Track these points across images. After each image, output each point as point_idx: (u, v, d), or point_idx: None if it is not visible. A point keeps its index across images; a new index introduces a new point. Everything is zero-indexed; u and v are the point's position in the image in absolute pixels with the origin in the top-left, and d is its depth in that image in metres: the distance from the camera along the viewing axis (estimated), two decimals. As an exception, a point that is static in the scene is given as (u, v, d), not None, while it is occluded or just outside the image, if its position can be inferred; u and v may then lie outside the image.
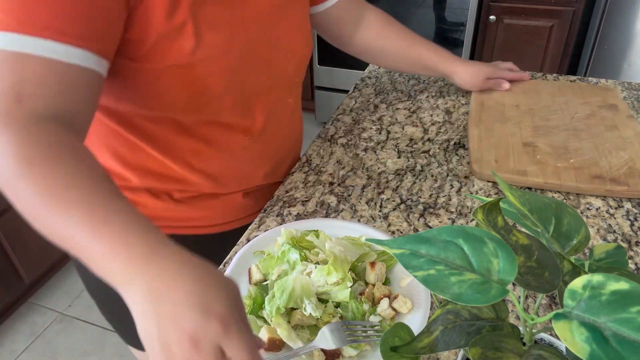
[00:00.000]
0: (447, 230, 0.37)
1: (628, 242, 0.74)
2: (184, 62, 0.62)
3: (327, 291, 0.61)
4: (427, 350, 0.38)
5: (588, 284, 0.32)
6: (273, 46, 0.73)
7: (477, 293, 0.33)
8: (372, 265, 0.63)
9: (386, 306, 0.60)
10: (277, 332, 0.57)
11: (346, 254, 0.64)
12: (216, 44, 0.64)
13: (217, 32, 0.64)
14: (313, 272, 0.61)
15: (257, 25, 0.70)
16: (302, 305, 0.59)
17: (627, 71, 2.19)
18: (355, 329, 0.57)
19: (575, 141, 0.91)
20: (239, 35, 0.67)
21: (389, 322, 0.60)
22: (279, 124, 0.83)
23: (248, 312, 0.61)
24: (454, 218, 0.79)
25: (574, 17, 2.21)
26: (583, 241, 0.41)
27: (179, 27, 0.60)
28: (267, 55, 0.73)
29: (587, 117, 0.98)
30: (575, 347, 0.30)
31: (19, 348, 1.84)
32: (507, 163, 0.86)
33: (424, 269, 0.35)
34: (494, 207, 0.39)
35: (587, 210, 0.79)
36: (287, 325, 0.57)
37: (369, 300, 0.61)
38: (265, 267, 0.65)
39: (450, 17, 2.44)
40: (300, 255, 0.63)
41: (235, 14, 0.66)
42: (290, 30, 0.76)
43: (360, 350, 0.57)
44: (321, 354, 0.57)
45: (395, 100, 1.13)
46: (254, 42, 0.70)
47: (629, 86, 1.16)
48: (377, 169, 0.90)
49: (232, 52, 0.67)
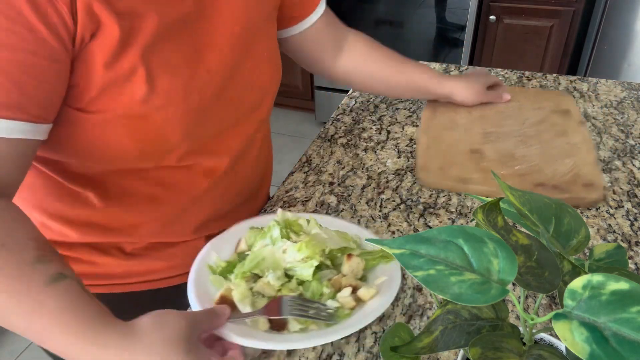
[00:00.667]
0: (447, 230, 0.37)
1: (628, 242, 0.74)
2: (136, 111, 0.57)
3: (293, 267, 0.62)
4: (427, 350, 0.38)
5: (588, 284, 0.32)
6: (239, 83, 0.68)
7: (477, 293, 0.33)
8: (348, 257, 0.64)
9: (347, 294, 0.61)
10: (232, 293, 0.59)
11: (326, 241, 0.65)
12: (173, 89, 0.59)
13: (173, 75, 0.59)
14: (288, 250, 0.63)
15: (219, 63, 0.64)
16: (265, 273, 0.61)
17: (627, 71, 2.20)
18: (306, 305, 0.58)
19: (523, 148, 0.89)
20: (199, 76, 0.62)
21: (347, 311, 0.60)
22: (245, 163, 0.76)
23: (218, 272, 0.63)
24: (454, 218, 0.79)
25: (574, 17, 2.21)
26: (583, 241, 0.41)
27: (127, 73, 0.56)
28: (233, 94, 0.68)
29: (538, 122, 0.96)
30: (575, 347, 0.30)
31: (19, 348, 1.84)
32: (451, 170, 0.84)
33: (424, 269, 0.35)
34: (494, 207, 0.39)
35: (587, 210, 0.79)
36: (245, 290, 0.59)
37: (334, 287, 0.62)
38: (251, 239, 0.68)
39: (450, 17, 2.44)
40: (281, 233, 0.65)
41: (194, 54, 0.61)
42: (258, 64, 0.71)
43: (305, 327, 0.58)
44: (266, 322, 0.58)
45: (395, 100, 1.13)
46: (217, 82, 0.64)
47: (629, 86, 1.16)
48: (377, 169, 0.90)
49: (192, 96, 0.61)
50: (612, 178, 0.87)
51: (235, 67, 0.67)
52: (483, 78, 1.03)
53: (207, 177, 0.71)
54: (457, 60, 2.47)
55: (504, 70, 1.26)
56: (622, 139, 0.98)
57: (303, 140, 2.83)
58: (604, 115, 1.05)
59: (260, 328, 0.57)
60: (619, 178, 0.87)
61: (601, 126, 1.02)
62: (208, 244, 0.67)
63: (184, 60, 0.60)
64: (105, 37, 0.54)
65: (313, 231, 0.67)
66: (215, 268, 0.64)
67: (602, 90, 1.15)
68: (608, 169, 0.89)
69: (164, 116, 0.59)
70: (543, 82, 1.19)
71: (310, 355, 0.59)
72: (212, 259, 0.65)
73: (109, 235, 0.71)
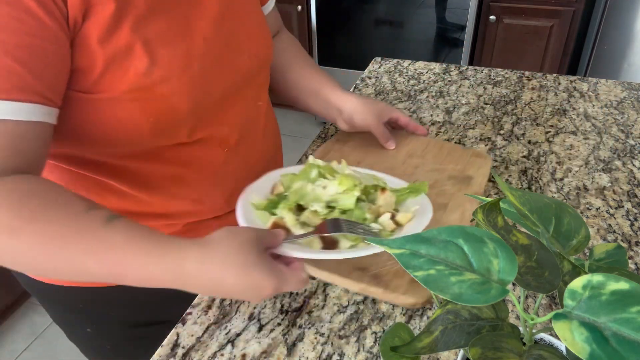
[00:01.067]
0: (447, 230, 0.37)
1: (628, 242, 0.74)
2: (142, 84, 0.59)
3: (335, 199, 0.66)
4: (427, 350, 0.38)
5: (588, 284, 0.32)
6: (235, 50, 0.70)
7: (477, 293, 0.33)
8: (382, 191, 0.69)
9: (387, 218, 0.65)
10: (283, 220, 0.64)
11: (360, 178, 0.70)
12: (173, 59, 0.61)
13: (171, 46, 0.61)
14: (328, 186, 0.68)
15: (213, 31, 0.66)
16: (310, 205, 0.65)
17: (627, 71, 2.20)
18: (354, 224, 0.63)
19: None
20: (196, 45, 0.64)
21: (388, 233, 0.65)
22: (255, 131, 0.79)
23: (263, 207, 0.67)
24: (454, 218, 0.79)
25: (574, 17, 2.21)
26: (583, 241, 0.41)
27: (125, 49, 0.57)
28: (230, 60, 0.70)
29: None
30: (575, 347, 0.30)
31: (19, 348, 1.84)
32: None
33: (424, 269, 0.35)
34: (494, 207, 0.39)
35: (587, 210, 0.79)
36: (293, 218, 0.64)
37: (373, 214, 0.66)
38: (288, 182, 0.72)
39: (450, 17, 2.44)
40: (319, 173, 0.70)
41: (187, 25, 0.63)
42: (250, 32, 0.73)
43: (355, 244, 0.62)
44: (319, 241, 0.62)
45: (395, 100, 1.13)
46: (214, 49, 0.67)
47: (629, 86, 1.16)
48: (377, 169, 0.90)
49: (192, 65, 0.63)
50: (612, 178, 0.87)
51: (229, 34, 0.69)
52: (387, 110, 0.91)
53: (222, 147, 0.73)
54: (457, 60, 2.47)
55: (504, 70, 1.26)
56: (622, 139, 0.98)
57: (303, 140, 2.83)
58: (604, 115, 1.05)
59: (314, 248, 0.61)
60: (619, 178, 0.87)
61: (601, 126, 1.02)
62: (246, 188, 0.70)
63: (179, 31, 0.63)
64: (98, 15, 0.55)
65: (347, 171, 0.72)
66: (258, 205, 0.68)
67: (602, 90, 1.15)
68: (608, 169, 0.89)
69: (169, 87, 0.61)
70: (543, 82, 1.19)
71: (311, 355, 0.59)
72: (254, 198, 0.69)
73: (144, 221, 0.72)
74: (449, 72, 1.26)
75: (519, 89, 1.17)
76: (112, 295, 0.75)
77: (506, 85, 1.19)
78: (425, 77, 1.23)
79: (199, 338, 0.62)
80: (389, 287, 0.63)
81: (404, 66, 1.30)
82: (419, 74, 1.26)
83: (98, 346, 0.86)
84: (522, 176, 0.89)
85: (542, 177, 0.88)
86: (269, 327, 0.63)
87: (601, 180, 0.87)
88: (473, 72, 1.26)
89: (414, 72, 1.27)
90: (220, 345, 0.61)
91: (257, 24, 0.76)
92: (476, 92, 1.17)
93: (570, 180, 0.87)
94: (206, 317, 0.65)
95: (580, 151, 0.95)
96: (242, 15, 0.73)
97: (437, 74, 1.25)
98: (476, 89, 1.18)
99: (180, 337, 0.62)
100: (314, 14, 2.60)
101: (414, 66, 1.30)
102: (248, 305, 0.66)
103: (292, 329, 0.63)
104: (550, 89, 1.16)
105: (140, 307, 0.79)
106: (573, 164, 0.91)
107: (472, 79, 1.23)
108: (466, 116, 1.06)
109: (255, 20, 0.76)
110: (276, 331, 0.63)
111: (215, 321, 0.64)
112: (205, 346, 0.61)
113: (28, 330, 1.90)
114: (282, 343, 0.61)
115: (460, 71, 1.26)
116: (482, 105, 1.11)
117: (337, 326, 0.63)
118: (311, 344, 0.61)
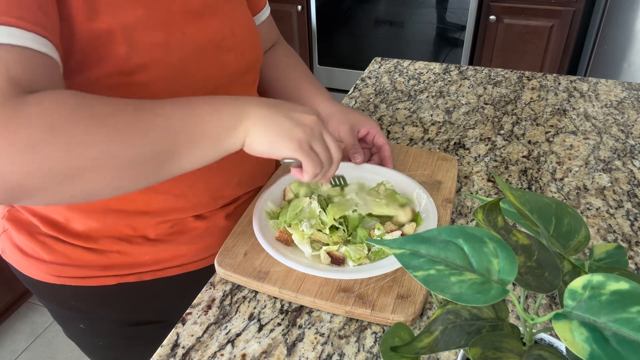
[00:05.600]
0: (447, 230, 0.37)
1: (628, 242, 0.74)
2: (121, 68, 0.60)
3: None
4: (427, 351, 0.38)
5: (588, 284, 0.32)
6: (219, 48, 0.70)
7: (477, 293, 0.33)
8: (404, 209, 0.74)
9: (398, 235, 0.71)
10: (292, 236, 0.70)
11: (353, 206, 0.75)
12: (153, 47, 0.62)
13: (151, 35, 0.62)
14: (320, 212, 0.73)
15: (192, 27, 0.66)
16: (300, 224, 0.70)
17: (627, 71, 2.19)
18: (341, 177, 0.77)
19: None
20: (175, 38, 0.64)
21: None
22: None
23: (272, 217, 0.75)
24: (454, 218, 0.79)
25: (574, 17, 2.21)
26: (583, 241, 0.41)
27: (106, 33, 0.58)
28: (214, 57, 0.70)
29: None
30: (575, 347, 0.30)
31: (19, 348, 1.84)
32: (254, 260, 0.69)
33: (424, 269, 0.35)
34: (494, 207, 0.39)
35: (587, 210, 0.79)
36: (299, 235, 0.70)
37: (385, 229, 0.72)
38: (296, 189, 0.78)
39: (450, 17, 2.44)
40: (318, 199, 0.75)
41: (166, 18, 0.64)
42: (236, 32, 0.73)
43: (360, 263, 0.67)
44: (327, 257, 0.67)
45: (395, 100, 1.13)
46: (194, 44, 0.67)
47: (629, 86, 1.16)
48: (377, 169, 0.90)
49: (172, 56, 0.64)
50: (612, 178, 0.87)
51: (213, 32, 0.70)
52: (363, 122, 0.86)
53: None
54: (457, 60, 2.47)
55: (504, 70, 1.26)
56: (622, 139, 0.98)
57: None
58: (604, 115, 1.05)
59: (322, 263, 0.68)
60: (619, 178, 0.87)
61: (601, 126, 1.02)
62: (262, 194, 0.79)
63: (157, 22, 0.63)
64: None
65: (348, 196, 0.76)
66: (271, 214, 0.76)
67: (602, 90, 1.15)
68: (608, 169, 0.89)
69: (147, 75, 0.62)
70: (543, 82, 1.19)
71: (311, 355, 0.59)
72: (268, 206, 0.77)
73: (126, 220, 0.73)
74: (449, 72, 1.26)
75: (519, 89, 1.17)
76: (103, 293, 0.76)
77: (506, 85, 1.19)
78: (425, 77, 1.23)
79: (199, 338, 0.62)
80: (375, 308, 0.62)
81: (404, 66, 1.30)
82: (419, 74, 1.26)
83: (92, 342, 0.87)
84: (522, 176, 0.89)
85: (542, 177, 0.88)
86: (269, 327, 0.63)
87: (601, 180, 0.87)
88: (473, 72, 1.26)
89: (414, 72, 1.27)
90: (220, 345, 0.61)
91: (245, 27, 0.76)
92: (476, 92, 1.17)
93: (570, 180, 0.87)
94: (206, 317, 0.65)
95: (580, 151, 0.95)
96: (229, 16, 0.73)
97: (437, 74, 1.25)
98: (476, 88, 1.18)
99: (180, 337, 0.62)
100: (314, 14, 2.60)
101: (414, 66, 1.30)
102: (248, 305, 0.66)
103: (292, 329, 0.63)
104: (550, 89, 1.16)
105: (133, 307, 0.80)
106: (573, 164, 0.91)
107: (472, 79, 1.23)
108: (466, 116, 1.07)
109: (243, 23, 0.76)
110: (276, 331, 0.63)
111: (215, 321, 0.64)
112: (205, 346, 0.61)
113: (28, 330, 1.90)
114: (282, 343, 0.61)
115: (460, 71, 1.26)
116: (482, 105, 1.11)
117: (337, 326, 0.63)
118: (311, 344, 0.61)
